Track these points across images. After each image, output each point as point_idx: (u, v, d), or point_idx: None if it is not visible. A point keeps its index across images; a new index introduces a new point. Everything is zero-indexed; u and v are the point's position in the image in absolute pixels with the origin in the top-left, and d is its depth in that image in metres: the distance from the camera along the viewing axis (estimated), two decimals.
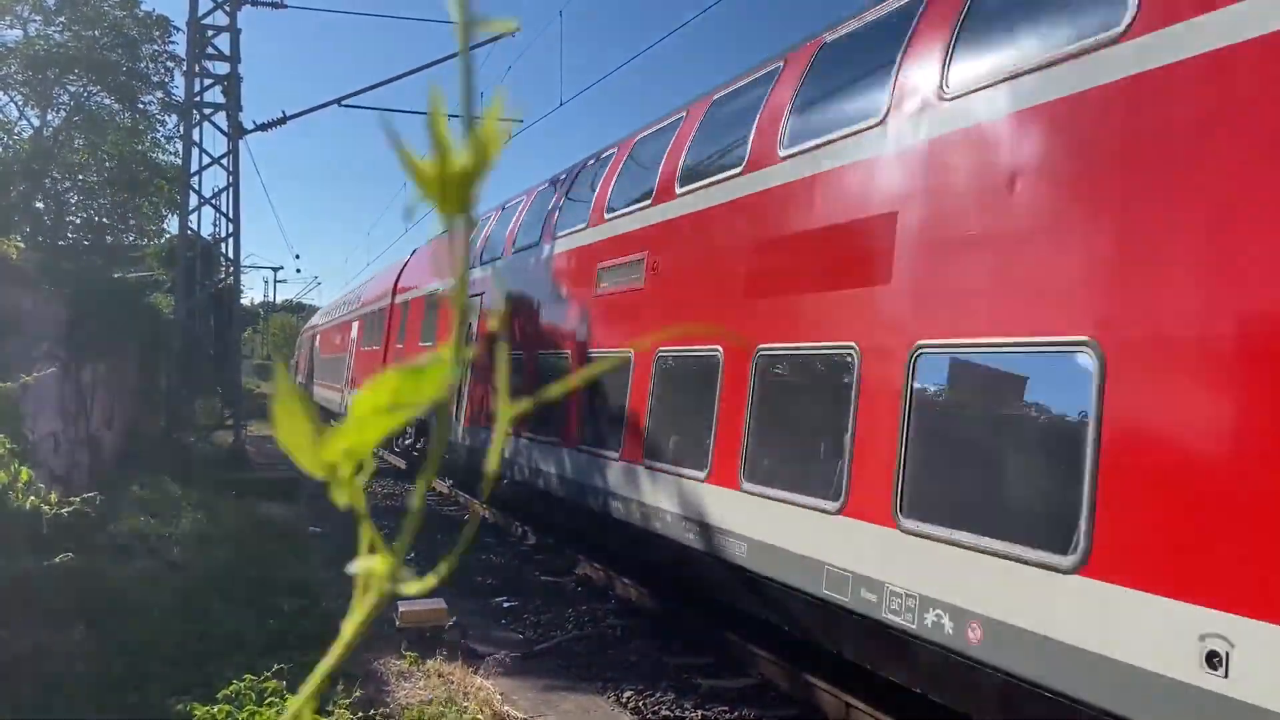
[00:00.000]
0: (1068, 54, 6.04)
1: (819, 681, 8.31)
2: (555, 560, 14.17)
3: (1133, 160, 5.52)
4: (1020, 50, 6.48)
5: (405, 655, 8.51)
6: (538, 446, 14.02)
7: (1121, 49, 5.68)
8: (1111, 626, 5.14)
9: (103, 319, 15.28)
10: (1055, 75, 6.11)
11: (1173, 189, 5.27)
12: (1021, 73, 6.36)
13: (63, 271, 15.32)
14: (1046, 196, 6.06)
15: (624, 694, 8.51)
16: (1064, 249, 5.82)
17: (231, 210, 22.10)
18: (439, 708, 7.19)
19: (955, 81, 7.00)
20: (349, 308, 38.57)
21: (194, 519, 13.35)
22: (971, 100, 6.79)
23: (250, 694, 6.23)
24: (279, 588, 10.35)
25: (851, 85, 8.59)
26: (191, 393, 22.18)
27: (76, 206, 27.32)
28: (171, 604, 8.92)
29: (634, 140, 13.23)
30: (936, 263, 6.86)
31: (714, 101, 11.15)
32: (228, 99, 21.88)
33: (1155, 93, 5.45)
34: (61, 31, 23.52)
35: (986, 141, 6.60)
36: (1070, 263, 5.76)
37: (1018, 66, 6.41)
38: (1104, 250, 5.55)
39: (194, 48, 21.56)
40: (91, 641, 7.30)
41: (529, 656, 9.43)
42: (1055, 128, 6.07)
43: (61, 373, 12.88)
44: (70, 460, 13.64)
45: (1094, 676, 5.21)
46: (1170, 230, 5.24)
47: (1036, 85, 6.25)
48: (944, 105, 7.05)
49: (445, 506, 19.94)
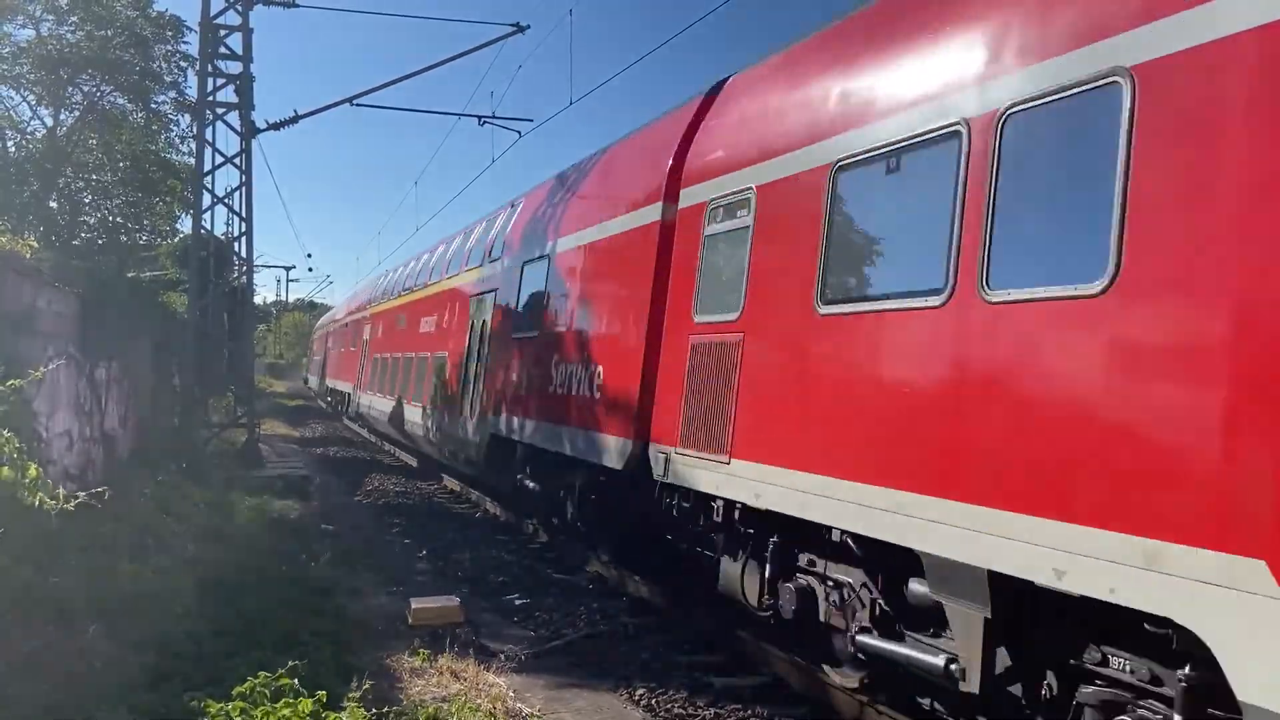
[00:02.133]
0: None
1: (832, 680, 8.28)
2: (567, 558, 14.17)
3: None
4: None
5: (418, 653, 8.51)
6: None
7: None
8: None
9: (116, 318, 15.34)
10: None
11: None
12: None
13: (76, 270, 15.38)
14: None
15: (636, 691, 8.49)
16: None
17: (244, 209, 22.18)
18: (452, 705, 7.19)
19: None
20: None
21: (207, 516, 13.40)
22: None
23: (264, 691, 6.24)
24: (292, 584, 10.38)
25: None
26: (205, 391, 22.26)
27: (90, 206, 27.43)
28: (185, 601, 8.95)
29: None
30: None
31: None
32: (240, 98, 21.94)
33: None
34: (74, 31, 23.58)
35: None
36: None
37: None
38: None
39: (206, 47, 21.62)
40: (105, 639, 7.31)
41: (541, 654, 9.42)
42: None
43: (75, 371, 12.93)
44: (84, 458, 13.69)
45: None
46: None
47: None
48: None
49: (457, 504, 19.97)
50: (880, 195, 7.11)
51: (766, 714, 8.08)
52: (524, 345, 14.95)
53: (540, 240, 15.19)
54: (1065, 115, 5.55)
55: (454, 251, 22.34)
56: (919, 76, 6.83)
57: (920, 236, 6.55)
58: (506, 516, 17.82)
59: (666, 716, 8.01)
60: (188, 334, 20.94)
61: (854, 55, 7.88)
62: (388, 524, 16.65)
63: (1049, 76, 5.65)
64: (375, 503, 19.29)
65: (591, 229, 12.72)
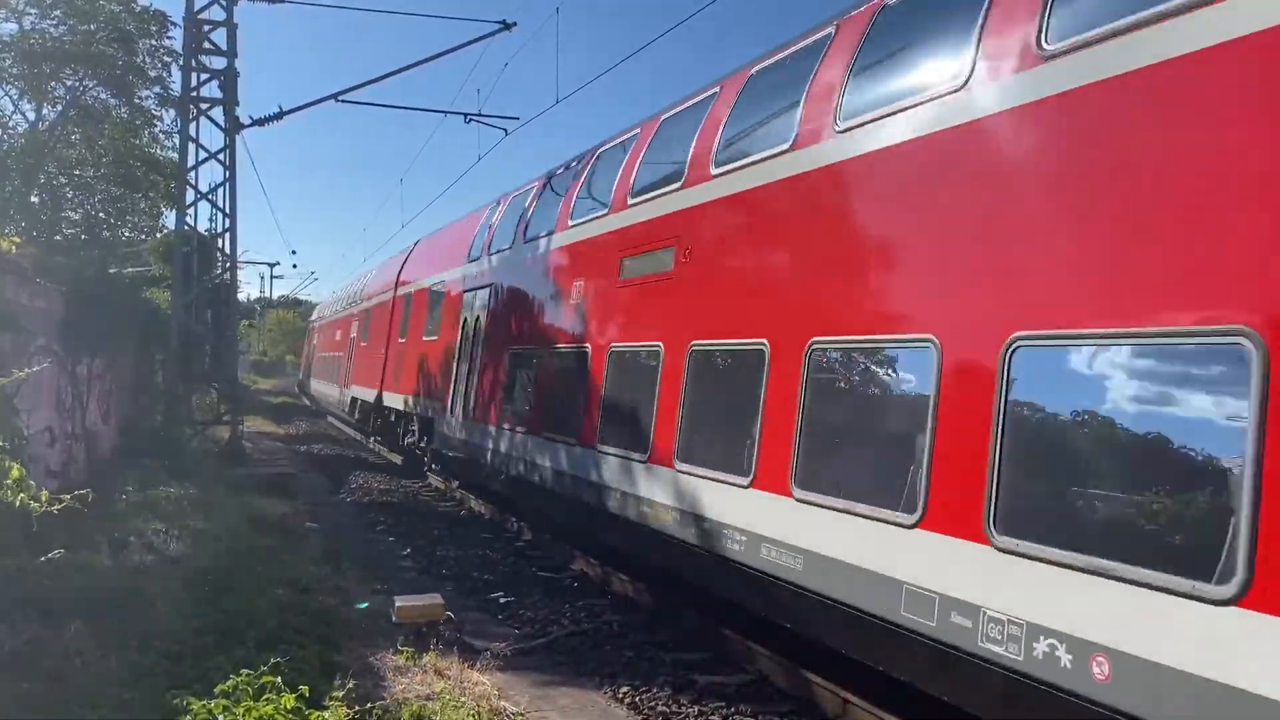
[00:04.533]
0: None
1: (816, 678, 8.31)
2: (552, 556, 14.17)
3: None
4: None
5: (402, 650, 8.50)
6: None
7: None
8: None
9: (99, 314, 15.25)
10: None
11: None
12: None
13: (59, 267, 15.29)
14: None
15: (620, 689, 8.51)
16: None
17: (228, 205, 22.09)
18: (436, 703, 7.18)
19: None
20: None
21: (190, 514, 13.34)
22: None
23: (247, 689, 6.22)
24: (275, 583, 10.34)
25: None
26: (188, 388, 22.15)
27: (73, 202, 27.22)
28: (168, 599, 8.91)
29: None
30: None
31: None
32: (224, 94, 21.87)
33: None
34: (57, 25, 23.40)
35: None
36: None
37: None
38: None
39: (191, 42, 21.53)
40: (88, 637, 7.28)
41: (526, 652, 9.43)
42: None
43: (57, 367, 12.85)
44: (67, 455, 13.62)
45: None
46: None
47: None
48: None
49: (441, 502, 19.94)
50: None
51: (751, 712, 8.11)
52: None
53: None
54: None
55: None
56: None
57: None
58: (491, 514, 17.82)
59: (651, 714, 8.03)
60: (171, 331, 20.84)
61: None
62: (372, 522, 16.62)
63: None
64: (360, 500, 19.24)
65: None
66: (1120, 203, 5.67)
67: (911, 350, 7.06)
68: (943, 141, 7.14)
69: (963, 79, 7.01)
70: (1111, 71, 5.86)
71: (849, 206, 8.25)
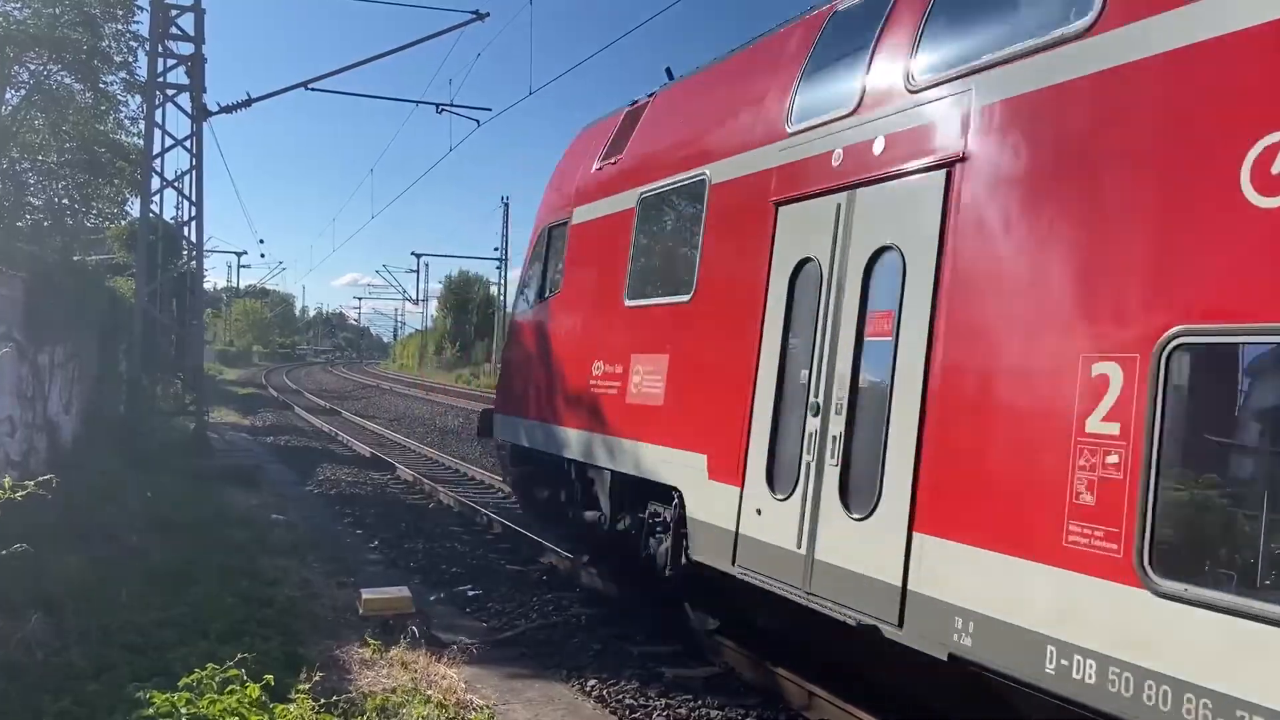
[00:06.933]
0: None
1: (783, 671, 8.36)
2: (520, 549, 14.14)
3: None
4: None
5: (369, 643, 8.46)
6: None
7: None
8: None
9: (62, 302, 15.04)
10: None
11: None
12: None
13: (21, 253, 15.06)
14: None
15: (588, 682, 8.52)
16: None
17: (194, 193, 21.86)
18: (402, 696, 7.15)
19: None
20: None
21: (154, 505, 13.20)
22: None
23: (211, 682, 6.18)
24: (240, 575, 10.27)
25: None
26: (153, 378, 21.89)
27: (36, 187, 26.76)
28: (131, 591, 8.82)
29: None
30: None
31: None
32: (191, 80, 21.62)
33: None
34: (21, 8, 23.00)
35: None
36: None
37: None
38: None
39: (157, 27, 21.26)
40: (48, 629, 7.19)
41: (493, 645, 9.41)
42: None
43: (18, 356, 12.65)
44: (27, 444, 13.41)
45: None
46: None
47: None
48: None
49: (410, 495, 19.84)
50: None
51: (717, 704, 8.14)
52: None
53: None
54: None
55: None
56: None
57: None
58: (460, 507, 17.76)
59: (618, 707, 8.05)
60: (135, 319, 20.58)
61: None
62: (340, 514, 16.51)
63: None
64: (327, 493, 19.10)
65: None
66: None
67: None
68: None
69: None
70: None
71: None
